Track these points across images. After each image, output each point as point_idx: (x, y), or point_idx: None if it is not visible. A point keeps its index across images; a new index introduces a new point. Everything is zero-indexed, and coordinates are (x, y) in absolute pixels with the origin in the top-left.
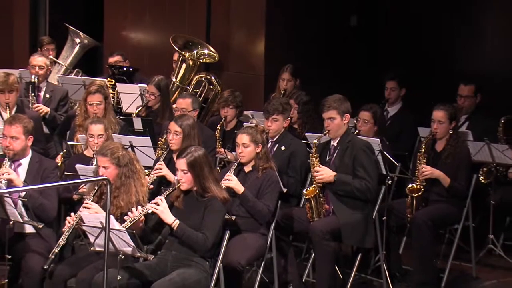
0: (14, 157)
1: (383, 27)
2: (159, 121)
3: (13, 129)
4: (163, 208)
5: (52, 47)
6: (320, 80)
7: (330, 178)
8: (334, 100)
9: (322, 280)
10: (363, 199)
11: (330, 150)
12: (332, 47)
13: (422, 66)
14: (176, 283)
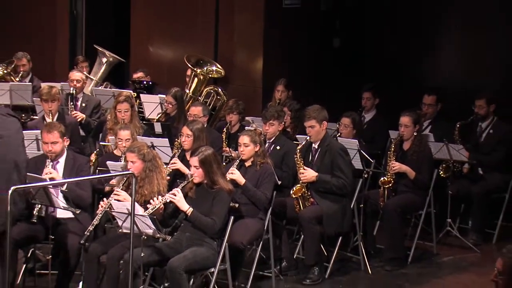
0: (54, 158)
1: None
2: (175, 125)
3: (52, 135)
4: (179, 197)
5: (86, 64)
6: (309, 91)
7: (313, 178)
8: (313, 110)
9: (310, 256)
10: (340, 194)
11: (312, 152)
12: (319, 64)
13: (392, 80)
14: (189, 259)
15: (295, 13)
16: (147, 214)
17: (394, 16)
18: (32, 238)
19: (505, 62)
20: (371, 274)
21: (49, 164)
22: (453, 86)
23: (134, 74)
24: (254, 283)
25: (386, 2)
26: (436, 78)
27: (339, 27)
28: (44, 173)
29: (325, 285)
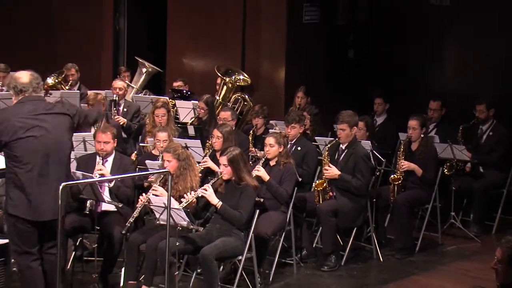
0: (105, 156)
1: (372, 58)
2: (207, 128)
3: (105, 136)
4: (209, 192)
5: (127, 74)
6: (326, 98)
7: (335, 175)
8: (346, 115)
9: (327, 246)
10: (356, 194)
11: (339, 152)
12: (335, 73)
13: (401, 87)
14: (219, 247)
15: (314, 28)
16: (181, 208)
17: (401, 29)
18: (80, 228)
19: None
20: (382, 262)
21: (100, 161)
22: (455, 93)
23: (174, 83)
24: (277, 270)
25: (394, 17)
26: (441, 85)
27: (353, 40)
28: (96, 169)
29: (341, 271)
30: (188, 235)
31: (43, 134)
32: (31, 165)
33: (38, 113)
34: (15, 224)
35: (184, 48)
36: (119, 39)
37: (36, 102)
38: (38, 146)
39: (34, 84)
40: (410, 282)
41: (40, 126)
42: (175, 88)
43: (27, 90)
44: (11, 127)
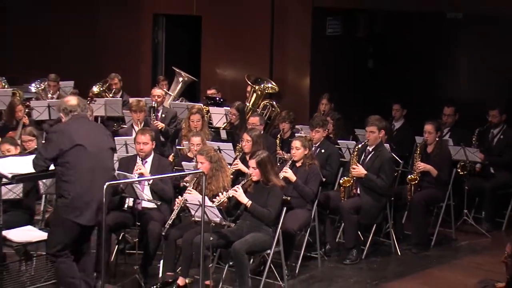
0: (144, 157)
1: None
2: (238, 132)
3: (144, 137)
4: (240, 192)
5: (165, 83)
6: (348, 104)
7: (361, 174)
8: (375, 119)
9: (349, 240)
10: (379, 193)
11: (366, 153)
12: (356, 81)
13: (417, 94)
14: (249, 242)
15: (336, 40)
16: (214, 206)
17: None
18: (123, 224)
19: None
20: (400, 256)
21: (139, 162)
22: (468, 99)
23: (208, 91)
24: (303, 263)
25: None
26: (454, 92)
27: (372, 50)
28: (135, 169)
29: (361, 264)
30: (221, 231)
31: (89, 145)
32: (80, 174)
33: (88, 131)
34: (63, 227)
35: (217, 59)
36: (158, 51)
37: (83, 119)
38: (86, 156)
39: (82, 105)
40: (425, 274)
41: (86, 139)
42: (209, 95)
43: (75, 111)
44: (63, 140)
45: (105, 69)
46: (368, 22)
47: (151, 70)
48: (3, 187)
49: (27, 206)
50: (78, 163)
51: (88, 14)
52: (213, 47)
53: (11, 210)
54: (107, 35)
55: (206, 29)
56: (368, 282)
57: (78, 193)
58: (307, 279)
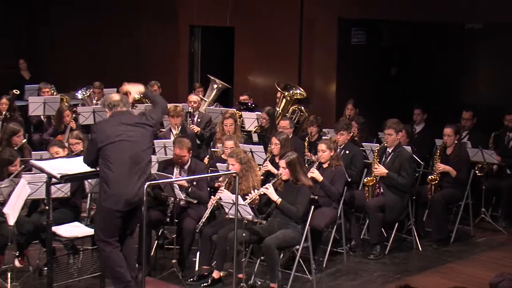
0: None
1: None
2: (268, 135)
3: (182, 151)
4: (271, 191)
5: (201, 90)
6: (372, 109)
7: (383, 173)
8: (393, 122)
9: (373, 237)
10: (401, 190)
11: (386, 154)
12: (380, 87)
13: (437, 99)
14: (280, 238)
15: (361, 49)
16: (247, 204)
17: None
18: (162, 221)
19: None
20: (421, 251)
21: (176, 171)
22: (485, 104)
23: (241, 97)
24: (329, 257)
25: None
26: (472, 97)
27: (395, 59)
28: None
29: (385, 259)
30: (253, 227)
31: (128, 139)
32: (119, 165)
33: (126, 123)
34: (105, 216)
35: (249, 67)
36: (194, 60)
37: (124, 114)
38: (125, 149)
39: (124, 100)
40: (445, 269)
41: (126, 133)
42: (241, 101)
43: (118, 105)
44: (104, 134)
45: (145, 77)
46: (391, 32)
47: (187, 77)
48: (52, 186)
49: (74, 204)
50: (117, 155)
51: (130, 27)
52: (245, 56)
53: (59, 208)
54: (147, 45)
55: (239, 39)
56: (391, 276)
57: (116, 182)
58: (334, 273)
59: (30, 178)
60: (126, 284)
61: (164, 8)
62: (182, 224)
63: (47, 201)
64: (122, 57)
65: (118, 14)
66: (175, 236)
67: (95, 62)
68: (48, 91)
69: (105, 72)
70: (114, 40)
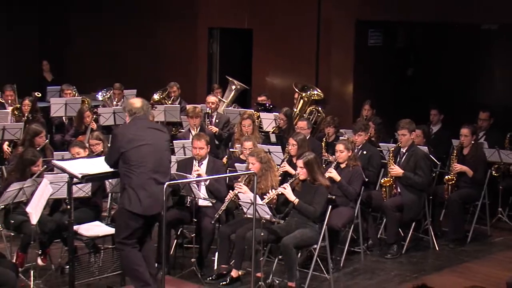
0: (200, 160)
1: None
2: (286, 136)
3: (200, 142)
4: (288, 191)
5: (219, 91)
6: (388, 110)
7: (399, 173)
8: (405, 122)
9: (390, 236)
10: (418, 189)
11: (401, 154)
12: (396, 88)
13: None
14: (297, 237)
15: (378, 50)
16: (265, 203)
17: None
18: (181, 220)
19: None
20: (438, 251)
21: (196, 164)
22: (502, 105)
23: (259, 98)
24: (347, 257)
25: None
26: (489, 98)
27: (411, 60)
28: (193, 170)
29: (402, 258)
30: (271, 227)
31: (149, 144)
32: (141, 170)
33: (146, 127)
34: (126, 219)
35: (266, 68)
36: (213, 61)
37: (144, 121)
38: (147, 154)
39: (145, 108)
40: (462, 268)
41: (147, 138)
42: (259, 102)
43: (139, 113)
44: (126, 139)
45: (164, 78)
46: (408, 33)
47: (206, 79)
48: (74, 186)
49: (95, 203)
50: (140, 160)
51: (150, 29)
52: (263, 57)
53: (81, 207)
54: (166, 47)
55: (257, 41)
56: (408, 275)
57: (140, 187)
58: (351, 272)
59: (52, 178)
60: (144, 283)
61: (184, 10)
62: (202, 223)
63: (68, 201)
64: (142, 59)
65: (138, 16)
66: (194, 235)
67: (115, 64)
68: (70, 93)
69: (125, 74)
70: (134, 41)
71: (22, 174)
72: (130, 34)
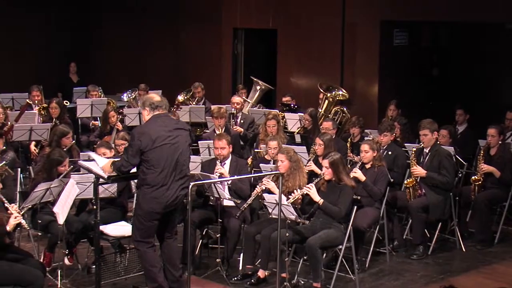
0: (222, 159)
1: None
2: (311, 136)
3: (221, 142)
4: (313, 191)
5: (244, 91)
6: (414, 110)
7: (422, 174)
8: (427, 122)
9: (416, 237)
10: (444, 189)
11: (423, 155)
12: (422, 88)
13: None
14: (323, 238)
15: (403, 50)
16: (290, 203)
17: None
18: (206, 221)
19: None
20: (465, 252)
21: (218, 164)
22: None
23: (283, 98)
24: (372, 257)
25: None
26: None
27: (437, 59)
28: (215, 170)
29: (428, 259)
30: (296, 227)
31: (170, 142)
32: (161, 169)
33: (168, 128)
34: (143, 217)
35: (291, 68)
36: (237, 62)
37: (166, 118)
38: (167, 153)
39: (165, 102)
40: (489, 270)
41: (168, 137)
42: (284, 102)
43: (161, 106)
44: (149, 138)
45: (189, 79)
46: (433, 33)
47: (231, 79)
48: (100, 186)
49: (120, 203)
50: (159, 159)
51: (175, 29)
52: (288, 57)
53: (106, 207)
54: (191, 48)
55: (282, 41)
56: (434, 277)
57: (157, 184)
58: (376, 273)
59: (79, 178)
60: (158, 285)
61: (208, 11)
62: (227, 224)
63: (95, 201)
64: (166, 60)
65: (163, 17)
66: (219, 235)
67: (140, 65)
68: (96, 94)
69: (150, 75)
70: (159, 43)
71: (49, 174)
72: (155, 35)
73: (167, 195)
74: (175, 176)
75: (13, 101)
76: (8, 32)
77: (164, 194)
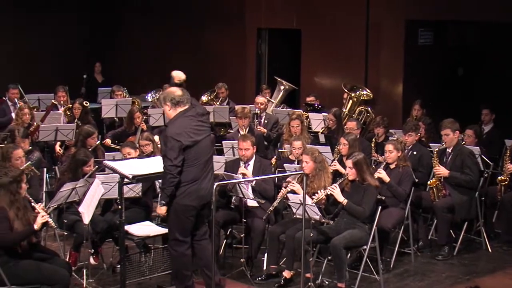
0: (246, 160)
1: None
2: (335, 136)
3: (246, 143)
4: (337, 191)
5: (268, 91)
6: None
7: (445, 174)
8: (448, 122)
9: (442, 237)
10: (468, 188)
11: (446, 155)
12: (447, 88)
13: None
14: (347, 238)
15: (428, 49)
16: (314, 204)
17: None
18: (230, 221)
19: None
20: (491, 253)
21: (242, 165)
22: None
23: (307, 98)
24: (397, 258)
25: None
26: None
27: (462, 59)
28: (239, 171)
29: (453, 260)
30: (320, 227)
31: (201, 137)
32: (196, 163)
33: (196, 121)
34: (181, 213)
35: (315, 68)
36: (261, 62)
37: (192, 112)
38: (200, 148)
39: (186, 95)
40: None
41: (199, 132)
42: (308, 102)
43: (183, 102)
44: (187, 136)
45: (213, 79)
46: (458, 32)
47: (255, 79)
48: (125, 186)
49: (145, 203)
50: (195, 154)
51: (199, 30)
52: (312, 57)
53: (131, 207)
54: (215, 48)
55: (306, 41)
56: (460, 277)
57: (193, 179)
58: (401, 273)
59: (104, 178)
60: (185, 286)
61: (232, 12)
62: (252, 224)
63: (119, 201)
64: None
65: (187, 17)
66: (243, 235)
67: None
68: (121, 94)
69: None
70: (183, 43)
71: (74, 174)
72: (180, 36)
73: (202, 189)
74: (207, 169)
75: (39, 101)
76: (36, 32)
77: (199, 188)
